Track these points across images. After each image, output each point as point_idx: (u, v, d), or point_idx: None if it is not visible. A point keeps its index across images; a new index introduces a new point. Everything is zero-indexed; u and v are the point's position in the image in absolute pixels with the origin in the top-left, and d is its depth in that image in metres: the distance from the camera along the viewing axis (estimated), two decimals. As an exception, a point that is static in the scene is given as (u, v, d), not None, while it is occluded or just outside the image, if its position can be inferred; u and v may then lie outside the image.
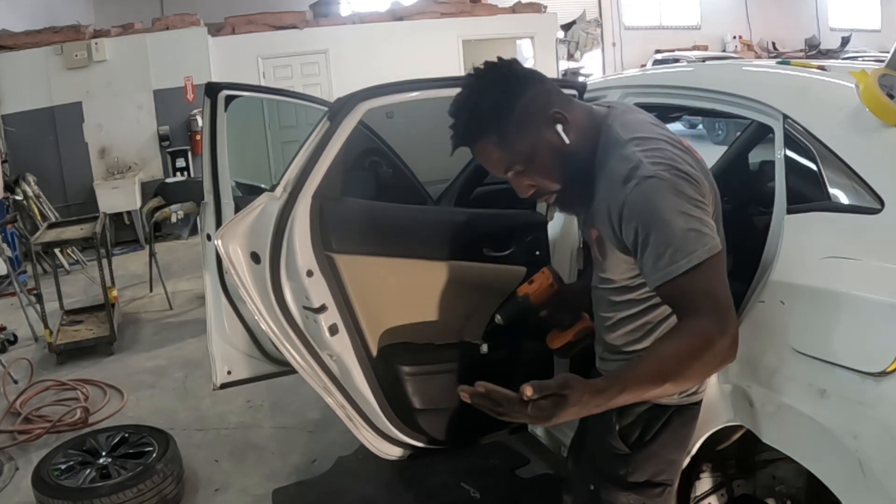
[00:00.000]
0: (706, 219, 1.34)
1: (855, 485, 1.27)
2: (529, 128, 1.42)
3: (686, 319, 1.30)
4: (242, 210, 1.97)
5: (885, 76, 1.51)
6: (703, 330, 1.26)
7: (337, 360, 2.04)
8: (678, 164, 1.36)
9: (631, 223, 1.35)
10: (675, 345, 1.28)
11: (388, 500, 2.70)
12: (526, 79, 1.44)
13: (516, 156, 1.44)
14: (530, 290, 1.78)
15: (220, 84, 2.69)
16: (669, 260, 1.29)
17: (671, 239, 1.30)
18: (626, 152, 1.38)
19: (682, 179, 1.34)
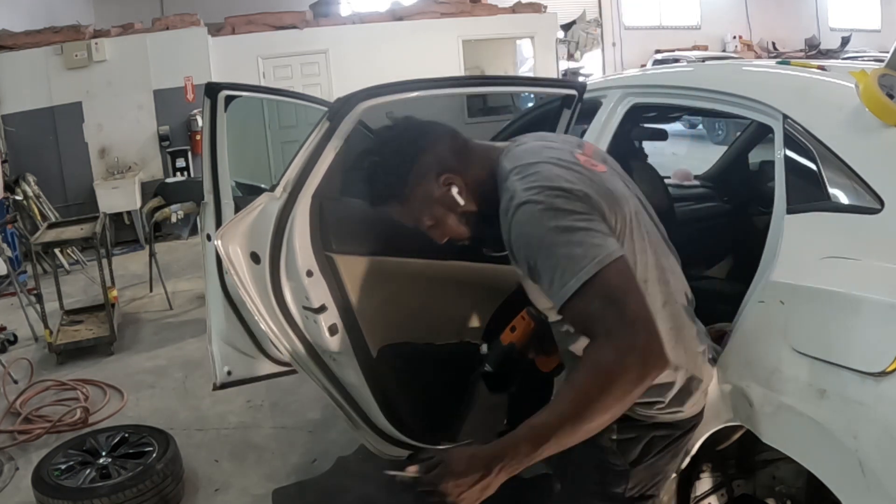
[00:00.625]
0: (594, 229, 1.27)
1: (855, 485, 1.27)
2: (425, 195, 1.49)
3: (587, 349, 1.24)
4: (242, 210, 1.97)
5: (885, 76, 1.51)
6: (601, 358, 1.19)
7: (337, 360, 2.04)
8: (553, 183, 1.32)
9: (520, 254, 1.35)
10: (578, 382, 1.21)
11: (388, 500, 2.69)
12: (417, 145, 1.49)
13: (421, 217, 1.52)
14: (515, 339, 1.70)
15: (220, 84, 2.69)
16: (560, 283, 1.25)
17: (555, 261, 1.26)
18: (507, 185, 1.39)
19: (557, 197, 1.30)
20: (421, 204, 1.50)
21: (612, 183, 1.43)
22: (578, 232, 1.26)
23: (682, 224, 2.91)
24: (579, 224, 1.27)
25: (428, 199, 1.49)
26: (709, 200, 3.24)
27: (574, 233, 1.26)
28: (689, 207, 3.14)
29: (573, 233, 1.26)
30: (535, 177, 1.35)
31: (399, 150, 1.50)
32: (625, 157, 2.73)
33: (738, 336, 1.56)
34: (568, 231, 1.27)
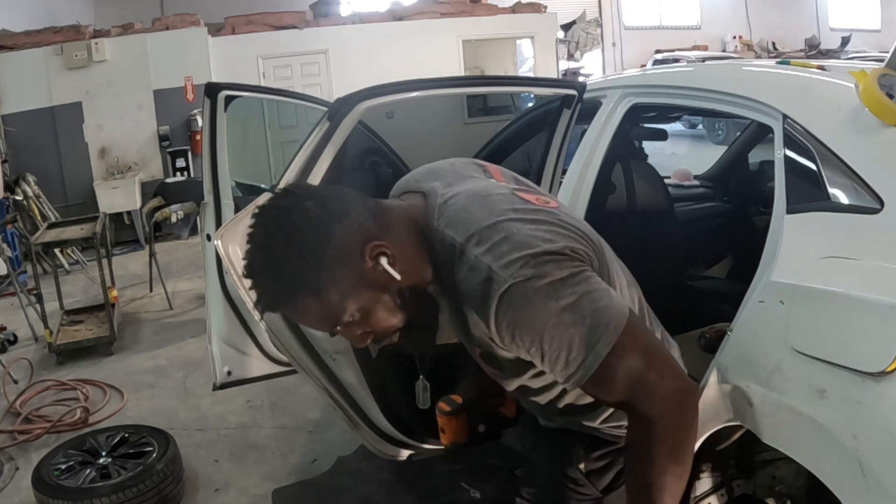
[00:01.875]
0: (594, 290, 1.15)
1: (855, 485, 1.27)
2: (349, 276, 1.16)
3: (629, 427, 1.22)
4: (242, 210, 1.97)
5: (885, 76, 1.51)
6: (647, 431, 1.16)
7: (337, 360, 2.04)
8: (533, 249, 1.13)
9: (517, 343, 1.16)
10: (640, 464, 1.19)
11: (388, 500, 2.69)
12: (326, 218, 1.16)
13: (341, 311, 1.18)
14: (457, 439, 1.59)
15: (220, 84, 2.69)
16: (576, 365, 1.14)
17: (568, 345, 1.13)
18: (470, 262, 1.15)
19: (545, 264, 1.12)
20: (344, 291, 1.16)
21: (573, 218, 1.28)
22: (583, 302, 1.12)
23: (682, 224, 2.91)
24: (579, 290, 1.13)
25: (353, 282, 1.16)
26: (709, 200, 3.25)
27: (579, 306, 1.12)
28: (689, 207, 3.14)
29: (577, 306, 1.12)
30: (505, 245, 1.13)
31: (301, 230, 1.14)
32: (625, 157, 2.74)
33: (738, 336, 1.56)
34: (571, 307, 1.12)
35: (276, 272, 1.15)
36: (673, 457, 1.18)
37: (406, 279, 1.19)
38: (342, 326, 1.20)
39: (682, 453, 1.19)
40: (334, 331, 1.21)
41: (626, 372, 1.15)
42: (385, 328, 1.23)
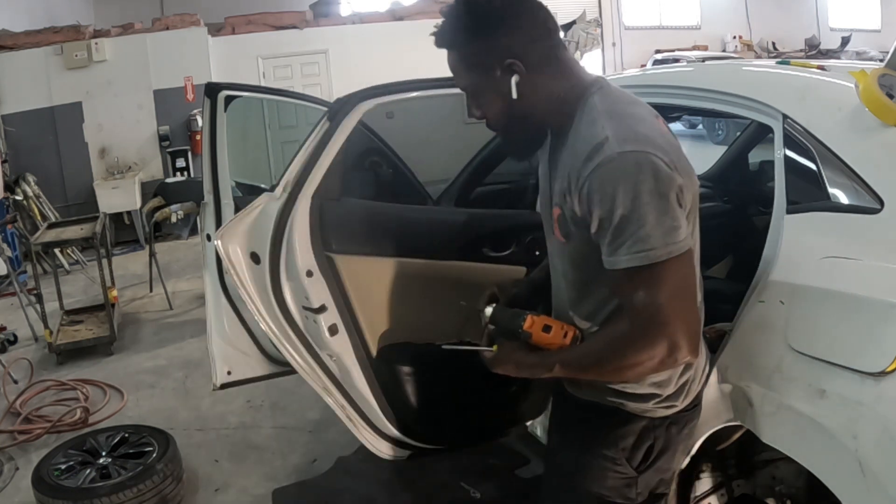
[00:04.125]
0: (679, 209, 1.23)
1: (855, 485, 1.27)
2: (485, 66, 1.33)
3: (621, 319, 1.30)
4: (242, 210, 1.97)
5: (885, 76, 1.51)
6: (625, 341, 1.27)
7: (337, 360, 2.04)
8: (657, 144, 1.23)
9: (589, 200, 1.24)
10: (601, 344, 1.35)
11: (388, 500, 2.70)
12: (513, 16, 1.31)
13: (468, 81, 1.37)
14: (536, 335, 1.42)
15: (220, 84, 2.69)
16: (628, 248, 1.21)
17: (636, 227, 1.20)
18: (600, 121, 1.27)
19: (659, 160, 1.21)
20: (476, 71, 1.35)
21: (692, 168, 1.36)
22: (670, 208, 1.21)
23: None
24: (671, 199, 1.21)
25: (485, 72, 1.33)
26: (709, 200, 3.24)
27: (669, 208, 1.21)
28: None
29: (666, 207, 1.20)
30: (639, 128, 1.25)
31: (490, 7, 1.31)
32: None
33: (738, 336, 1.56)
34: (660, 199, 1.20)
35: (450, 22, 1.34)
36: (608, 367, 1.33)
37: (522, 103, 1.33)
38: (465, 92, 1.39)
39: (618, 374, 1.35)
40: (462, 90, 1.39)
41: (654, 291, 1.22)
42: (490, 121, 1.41)
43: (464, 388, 2.18)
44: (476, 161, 2.93)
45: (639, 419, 1.45)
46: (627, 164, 1.20)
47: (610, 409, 1.46)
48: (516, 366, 1.41)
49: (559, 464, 1.60)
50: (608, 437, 1.47)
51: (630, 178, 1.20)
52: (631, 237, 1.20)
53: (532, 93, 1.33)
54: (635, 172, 1.20)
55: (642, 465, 1.48)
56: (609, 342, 1.33)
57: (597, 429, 1.49)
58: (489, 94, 1.36)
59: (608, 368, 1.33)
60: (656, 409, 1.45)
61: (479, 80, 1.35)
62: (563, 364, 1.37)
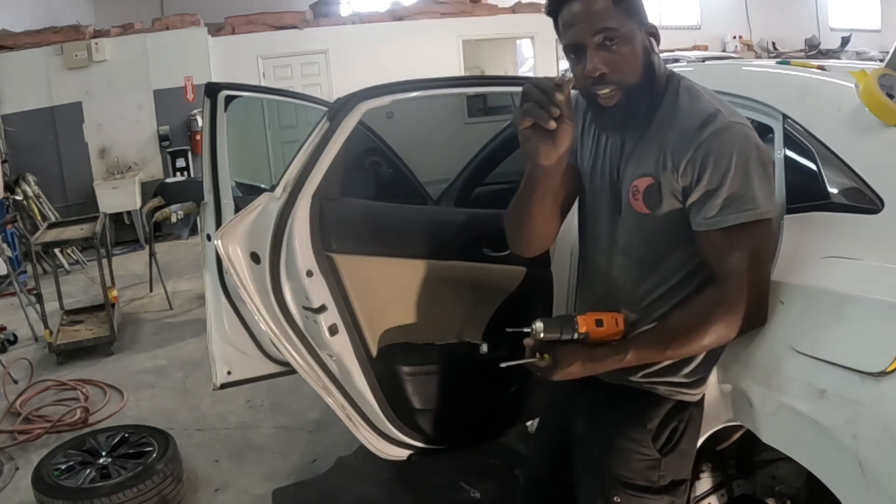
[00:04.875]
0: (773, 183, 1.40)
1: (855, 485, 1.27)
2: (638, 20, 1.40)
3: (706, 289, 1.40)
4: (242, 210, 1.97)
5: (885, 76, 1.51)
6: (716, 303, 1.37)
7: (337, 360, 2.05)
8: (750, 127, 1.40)
9: (705, 164, 1.35)
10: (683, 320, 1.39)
11: (388, 500, 2.70)
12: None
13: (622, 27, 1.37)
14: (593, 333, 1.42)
15: (220, 84, 2.69)
16: (736, 207, 1.33)
17: (746, 187, 1.33)
18: (703, 103, 1.41)
19: (756, 135, 1.38)
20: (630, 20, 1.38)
21: None
22: (769, 176, 1.37)
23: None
24: (769, 169, 1.38)
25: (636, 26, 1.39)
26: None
27: (768, 174, 1.37)
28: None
29: (768, 174, 1.37)
30: (737, 114, 1.41)
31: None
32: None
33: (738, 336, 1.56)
34: (764, 168, 1.36)
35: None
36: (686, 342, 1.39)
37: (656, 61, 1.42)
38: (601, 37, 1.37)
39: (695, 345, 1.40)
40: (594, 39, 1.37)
41: (750, 251, 1.35)
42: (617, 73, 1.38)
43: (464, 388, 2.18)
44: (476, 161, 2.93)
45: (666, 401, 1.52)
46: (739, 134, 1.36)
47: (640, 393, 1.52)
48: (582, 366, 1.40)
49: (586, 448, 1.61)
50: (636, 418, 1.52)
51: (742, 146, 1.35)
52: (741, 197, 1.33)
53: (656, 65, 1.44)
54: (745, 141, 1.36)
55: (666, 446, 1.52)
56: (696, 310, 1.39)
57: (625, 412, 1.53)
58: (635, 47, 1.39)
59: (692, 338, 1.38)
60: (685, 392, 1.52)
61: (634, 32, 1.39)
62: (637, 348, 1.41)
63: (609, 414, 1.56)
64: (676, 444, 1.52)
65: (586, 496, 1.58)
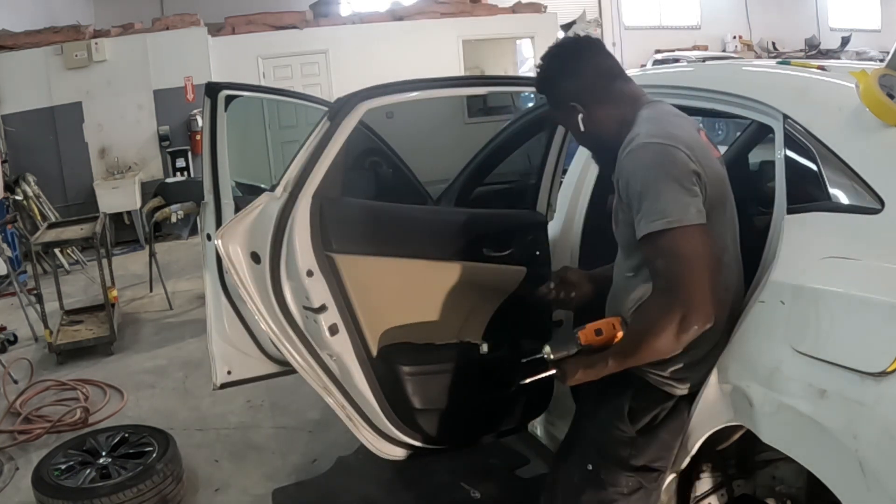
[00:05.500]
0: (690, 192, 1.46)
1: (855, 485, 1.27)
2: (561, 107, 1.72)
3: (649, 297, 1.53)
4: (242, 210, 1.97)
5: (885, 76, 1.51)
6: (650, 310, 1.50)
7: (337, 360, 2.04)
8: (675, 141, 1.50)
9: (623, 184, 1.53)
10: (633, 327, 1.57)
11: (388, 500, 2.69)
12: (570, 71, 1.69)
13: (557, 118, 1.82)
14: (594, 342, 1.62)
15: (220, 84, 2.69)
16: (647, 218, 1.46)
17: (653, 200, 1.46)
18: (635, 129, 1.58)
19: (674, 149, 1.48)
20: (557, 106, 1.74)
21: (721, 169, 1.62)
22: (682, 189, 1.46)
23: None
24: (684, 181, 1.46)
25: (561, 107, 1.71)
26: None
27: (679, 187, 1.46)
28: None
29: (679, 187, 1.46)
30: (661, 130, 1.54)
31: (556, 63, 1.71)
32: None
33: (738, 336, 1.56)
34: (674, 181, 1.46)
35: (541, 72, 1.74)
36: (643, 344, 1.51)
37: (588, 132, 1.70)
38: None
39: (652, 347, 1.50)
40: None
41: (669, 258, 1.45)
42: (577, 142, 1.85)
43: (464, 388, 2.18)
44: (476, 161, 2.93)
45: (652, 388, 1.63)
46: (648, 152, 1.50)
47: (633, 377, 1.64)
48: (584, 373, 1.58)
49: (576, 419, 1.85)
50: (620, 395, 1.66)
51: (649, 161, 1.49)
52: (649, 209, 1.46)
53: (595, 123, 1.68)
54: (654, 157, 1.49)
55: (644, 428, 1.63)
56: (641, 316, 1.56)
57: (615, 391, 1.67)
58: (570, 127, 1.74)
59: (644, 343, 1.50)
60: (672, 384, 1.62)
61: (561, 118, 1.76)
62: (613, 356, 1.56)
63: (602, 393, 1.70)
64: (655, 429, 1.63)
65: (570, 461, 1.77)
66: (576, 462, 1.74)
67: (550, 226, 2.34)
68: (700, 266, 1.45)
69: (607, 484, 1.65)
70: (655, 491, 1.68)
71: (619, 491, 1.65)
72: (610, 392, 1.69)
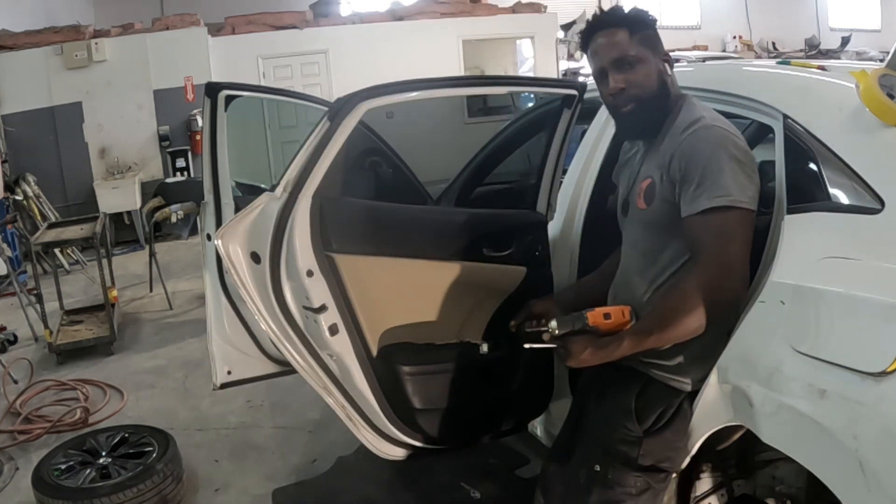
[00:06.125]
0: (752, 179, 1.51)
1: (855, 485, 1.27)
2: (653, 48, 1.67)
3: (686, 272, 1.54)
4: (242, 210, 1.96)
5: (885, 76, 1.51)
6: (686, 287, 1.49)
7: (337, 360, 2.04)
8: (737, 132, 1.57)
9: (682, 160, 1.54)
10: (664, 302, 1.54)
11: (388, 500, 2.70)
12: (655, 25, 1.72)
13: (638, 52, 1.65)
14: (602, 326, 1.60)
15: (221, 84, 2.69)
16: (708, 193, 1.48)
17: (717, 176, 1.48)
18: (693, 112, 1.62)
19: (739, 138, 1.55)
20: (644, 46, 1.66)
21: None
22: (743, 173, 1.49)
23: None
24: (746, 166, 1.51)
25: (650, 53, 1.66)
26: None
27: (740, 170, 1.49)
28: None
29: (740, 169, 1.49)
30: (723, 121, 1.59)
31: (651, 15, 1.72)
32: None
33: (738, 336, 1.56)
34: (737, 164, 1.50)
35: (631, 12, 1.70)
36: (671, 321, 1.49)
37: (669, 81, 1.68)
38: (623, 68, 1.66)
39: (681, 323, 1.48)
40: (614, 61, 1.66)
41: (721, 235, 1.46)
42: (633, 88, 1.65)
43: (464, 388, 2.18)
44: (476, 161, 2.93)
45: (658, 385, 1.64)
46: (716, 132, 1.54)
47: (638, 374, 1.66)
48: (592, 353, 1.55)
49: (584, 419, 1.82)
50: (627, 395, 1.65)
51: (717, 141, 1.52)
52: (712, 185, 1.48)
53: (668, 83, 1.68)
54: (721, 138, 1.53)
55: (651, 428, 1.62)
56: (672, 292, 1.53)
57: (621, 389, 1.68)
58: (649, 67, 1.65)
59: (675, 318, 1.49)
60: (676, 379, 1.63)
61: (647, 56, 1.66)
62: (632, 334, 1.55)
63: (608, 390, 1.71)
64: (662, 429, 1.63)
65: (574, 461, 1.77)
66: (580, 462, 1.73)
67: (550, 226, 2.34)
68: (746, 251, 1.48)
69: (615, 484, 1.65)
70: (663, 491, 1.68)
71: (627, 491, 1.64)
72: (613, 390, 1.69)
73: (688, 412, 1.64)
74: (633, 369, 1.67)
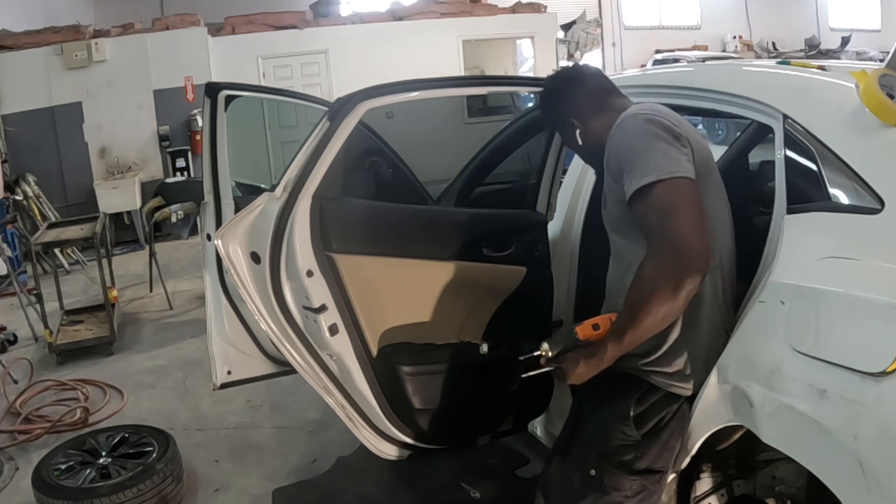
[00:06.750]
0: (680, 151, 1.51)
1: (855, 485, 1.27)
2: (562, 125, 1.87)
3: (644, 256, 1.49)
4: (242, 210, 1.97)
5: (885, 76, 1.51)
6: (644, 271, 1.46)
7: (337, 360, 2.04)
8: (660, 113, 1.59)
9: (613, 156, 1.59)
10: (629, 293, 1.50)
11: (388, 500, 2.69)
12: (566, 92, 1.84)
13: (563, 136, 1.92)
14: (591, 336, 1.58)
15: (221, 84, 2.69)
16: (637, 175, 1.49)
17: (643, 158, 1.50)
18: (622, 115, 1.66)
19: (660, 118, 1.56)
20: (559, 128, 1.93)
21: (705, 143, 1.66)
22: (671, 146, 1.51)
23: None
24: (672, 140, 1.52)
25: (564, 127, 1.85)
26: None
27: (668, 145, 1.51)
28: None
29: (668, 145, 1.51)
30: (647, 106, 1.65)
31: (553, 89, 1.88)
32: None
33: (738, 336, 1.56)
34: (664, 142, 1.51)
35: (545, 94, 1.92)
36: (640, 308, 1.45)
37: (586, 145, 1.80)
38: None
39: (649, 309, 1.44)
40: None
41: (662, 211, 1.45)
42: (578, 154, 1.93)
43: (464, 388, 2.18)
44: (476, 161, 2.93)
45: (658, 391, 1.63)
46: (636, 120, 1.59)
47: (637, 380, 1.65)
48: (585, 367, 1.55)
49: (580, 423, 1.80)
50: (626, 400, 1.65)
51: (638, 127, 1.57)
52: (640, 166, 1.50)
53: (591, 134, 1.77)
54: (642, 123, 1.57)
55: (649, 432, 1.62)
56: (634, 283, 1.49)
57: (619, 393, 1.67)
58: (570, 143, 1.87)
59: (643, 308, 1.45)
60: (677, 385, 1.62)
61: (563, 134, 1.90)
62: (611, 337, 1.53)
63: (605, 394, 1.70)
64: (659, 432, 1.62)
65: (567, 465, 1.76)
66: (575, 466, 1.73)
67: (550, 226, 2.34)
68: (694, 216, 1.45)
69: (611, 488, 1.65)
70: (658, 492, 1.68)
71: (623, 494, 1.64)
72: (612, 395, 1.68)
73: (686, 413, 1.64)
74: (634, 376, 1.66)
